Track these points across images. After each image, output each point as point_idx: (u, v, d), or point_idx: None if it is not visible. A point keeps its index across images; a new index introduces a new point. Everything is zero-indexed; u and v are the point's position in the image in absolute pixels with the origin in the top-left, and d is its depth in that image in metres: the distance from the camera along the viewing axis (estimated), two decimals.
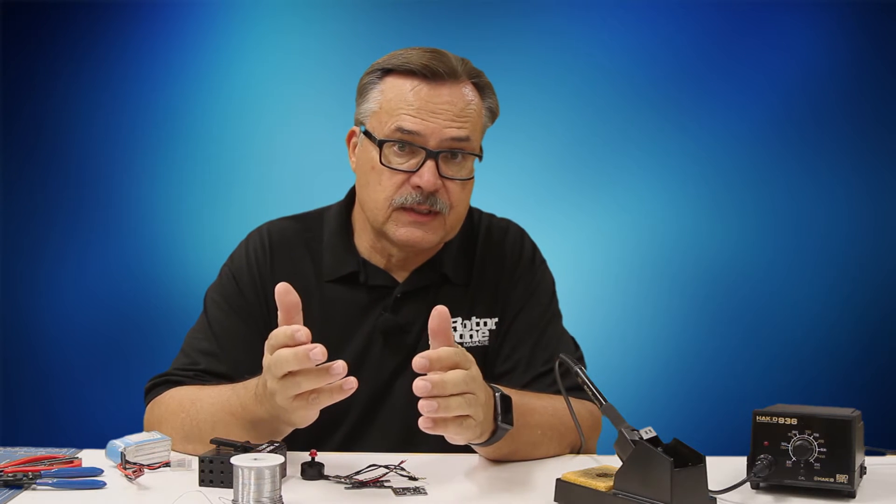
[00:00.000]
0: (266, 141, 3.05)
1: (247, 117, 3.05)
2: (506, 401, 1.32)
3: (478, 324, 1.60)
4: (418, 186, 1.47)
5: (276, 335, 1.20)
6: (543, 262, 1.69)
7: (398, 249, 1.56)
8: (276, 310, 1.56)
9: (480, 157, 1.54)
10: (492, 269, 1.63)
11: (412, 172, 1.47)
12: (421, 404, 1.17)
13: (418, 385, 1.17)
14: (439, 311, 1.23)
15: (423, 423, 1.20)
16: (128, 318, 3.03)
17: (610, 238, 3.06)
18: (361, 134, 1.55)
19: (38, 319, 3.05)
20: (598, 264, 3.05)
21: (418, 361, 1.18)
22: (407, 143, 1.47)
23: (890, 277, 3.05)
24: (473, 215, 1.68)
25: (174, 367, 1.55)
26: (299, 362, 1.17)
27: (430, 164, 1.46)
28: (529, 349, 1.59)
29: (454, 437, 1.26)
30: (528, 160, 3.03)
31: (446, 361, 1.20)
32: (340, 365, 1.19)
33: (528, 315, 1.62)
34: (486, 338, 1.60)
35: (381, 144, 1.48)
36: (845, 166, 3.05)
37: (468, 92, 1.51)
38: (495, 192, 2.76)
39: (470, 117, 1.50)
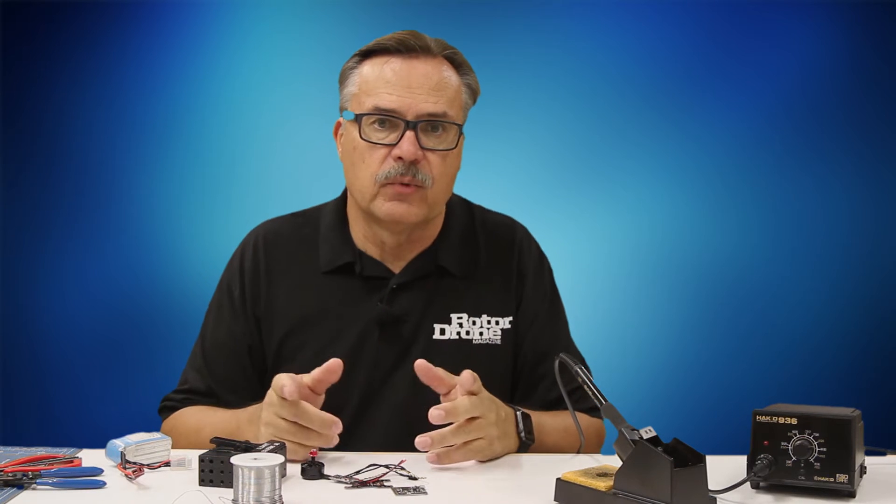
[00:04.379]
0: (265, 141, 3.05)
1: (246, 117, 3.05)
2: (527, 419, 1.43)
3: (489, 322, 1.60)
4: (400, 158, 1.47)
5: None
6: (546, 260, 1.71)
7: (388, 233, 1.56)
8: (262, 319, 1.60)
9: (461, 132, 1.54)
10: (501, 266, 1.64)
11: (393, 145, 1.48)
12: (419, 440, 1.31)
13: (433, 414, 1.31)
14: (420, 367, 1.35)
15: (428, 458, 1.33)
16: (128, 318, 3.03)
17: (610, 237, 3.05)
18: (344, 119, 1.57)
19: (38, 319, 3.05)
20: (598, 264, 3.05)
21: (434, 414, 1.31)
22: (386, 117, 1.49)
23: (890, 277, 3.04)
24: (470, 207, 1.69)
25: (175, 390, 1.63)
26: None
27: (409, 134, 1.48)
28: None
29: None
30: (528, 159, 3.03)
31: (460, 409, 1.32)
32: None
33: (550, 328, 1.65)
34: (498, 336, 1.61)
35: (359, 119, 1.50)
36: (845, 166, 3.04)
37: (444, 68, 1.53)
38: (495, 190, 2.77)
39: (446, 91, 1.51)
